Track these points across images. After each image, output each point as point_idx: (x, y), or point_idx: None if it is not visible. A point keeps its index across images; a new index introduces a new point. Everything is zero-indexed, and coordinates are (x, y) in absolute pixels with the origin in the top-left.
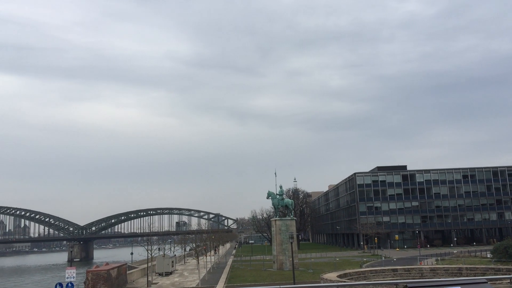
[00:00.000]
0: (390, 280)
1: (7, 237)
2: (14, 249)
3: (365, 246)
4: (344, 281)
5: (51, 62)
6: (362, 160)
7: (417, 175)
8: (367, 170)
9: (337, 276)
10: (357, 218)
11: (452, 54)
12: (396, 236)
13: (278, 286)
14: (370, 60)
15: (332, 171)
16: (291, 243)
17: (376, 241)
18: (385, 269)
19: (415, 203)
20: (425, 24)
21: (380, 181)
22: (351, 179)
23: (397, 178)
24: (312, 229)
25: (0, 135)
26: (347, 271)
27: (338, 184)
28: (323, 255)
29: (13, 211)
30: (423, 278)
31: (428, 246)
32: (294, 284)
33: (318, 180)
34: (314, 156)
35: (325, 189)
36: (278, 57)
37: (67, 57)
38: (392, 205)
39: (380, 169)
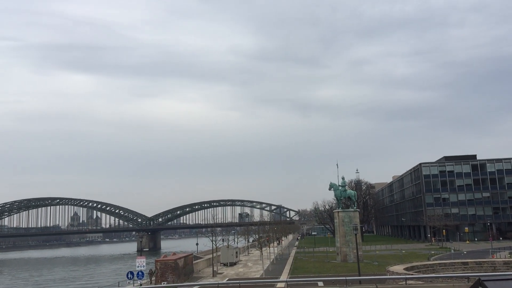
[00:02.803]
0: (461, 273)
1: (81, 228)
2: (87, 239)
3: (433, 239)
4: (412, 274)
5: (121, 60)
6: (428, 150)
7: (488, 164)
8: (434, 160)
9: (404, 269)
10: (424, 209)
11: None
12: (466, 228)
13: (344, 278)
14: (438, 46)
15: (396, 161)
16: (355, 234)
17: (444, 233)
18: (454, 262)
19: (486, 194)
20: (497, 6)
21: (448, 171)
22: (417, 169)
23: (466, 168)
24: (376, 221)
25: (74, 132)
26: (415, 263)
27: (402, 175)
28: (388, 247)
29: (86, 203)
30: (496, 272)
31: (501, 238)
32: (360, 276)
33: (381, 171)
34: (377, 146)
35: (388, 180)
36: (342, 47)
37: (135, 55)
38: (461, 196)
39: (447, 159)
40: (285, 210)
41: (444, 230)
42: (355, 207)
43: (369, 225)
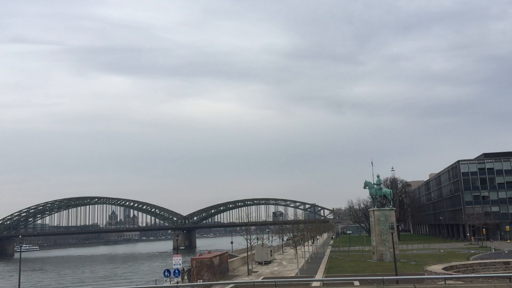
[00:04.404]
0: (502, 273)
1: (118, 226)
2: (125, 237)
3: (472, 238)
4: (451, 274)
5: (157, 61)
6: (467, 147)
7: None
8: (472, 157)
9: (443, 269)
10: (462, 208)
11: None
12: (507, 227)
13: (381, 277)
14: (477, 40)
15: (433, 159)
16: (392, 233)
17: (484, 232)
18: (495, 262)
19: None
20: None
21: (487, 168)
22: (455, 167)
23: (507, 165)
24: (413, 220)
25: (112, 132)
26: (453, 263)
27: (440, 172)
28: (426, 246)
29: (123, 202)
30: None
31: None
32: (397, 275)
33: (417, 169)
34: (413, 144)
35: (425, 178)
36: (377, 44)
37: (172, 56)
38: (502, 194)
39: (487, 156)
40: (319, 208)
41: (484, 229)
42: (391, 206)
43: (406, 224)
